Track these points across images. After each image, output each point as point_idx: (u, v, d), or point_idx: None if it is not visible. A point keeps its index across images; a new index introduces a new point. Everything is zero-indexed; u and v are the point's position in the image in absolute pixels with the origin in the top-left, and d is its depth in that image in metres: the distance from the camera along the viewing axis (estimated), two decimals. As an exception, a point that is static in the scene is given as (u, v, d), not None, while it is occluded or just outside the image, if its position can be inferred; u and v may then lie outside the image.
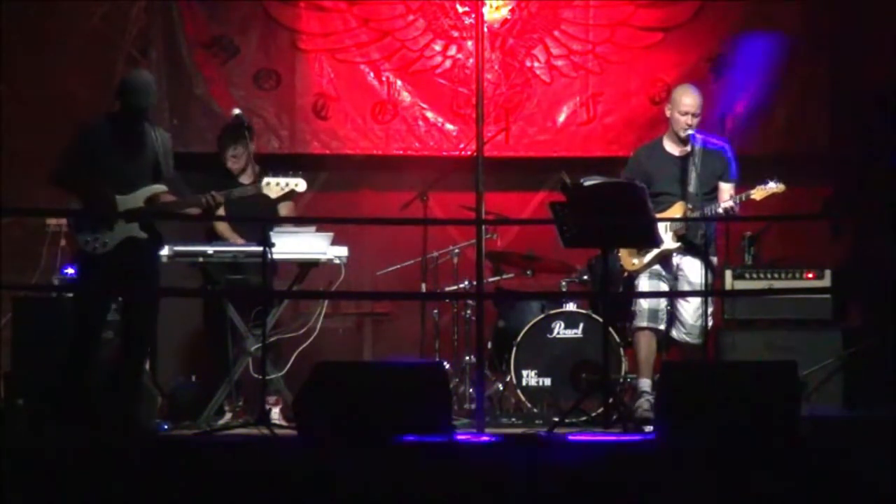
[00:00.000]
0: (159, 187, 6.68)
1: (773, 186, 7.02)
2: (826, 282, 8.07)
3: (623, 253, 7.26)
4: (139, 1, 8.82)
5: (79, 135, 6.69)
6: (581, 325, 7.88)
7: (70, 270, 7.36)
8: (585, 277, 8.11)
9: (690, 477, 5.00)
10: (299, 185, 6.88)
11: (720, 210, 7.04)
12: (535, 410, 7.68)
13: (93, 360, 6.62)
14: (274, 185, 6.85)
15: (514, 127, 8.89)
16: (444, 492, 4.85)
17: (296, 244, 7.19)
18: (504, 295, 8.37)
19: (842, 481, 4.95)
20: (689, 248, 7.17)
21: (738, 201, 7.03)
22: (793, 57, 8.91)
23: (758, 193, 7.02)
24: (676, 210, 7.15)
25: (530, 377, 7.80)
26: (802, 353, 7.40)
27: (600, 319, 7.42)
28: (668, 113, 7.29)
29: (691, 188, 7.13)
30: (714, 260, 7.25)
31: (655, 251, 7.15)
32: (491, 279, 8.23)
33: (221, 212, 7.61)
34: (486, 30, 8.11)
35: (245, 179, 7.64)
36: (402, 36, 8.96)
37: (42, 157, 8.13)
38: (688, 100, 7.20)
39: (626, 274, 7.32)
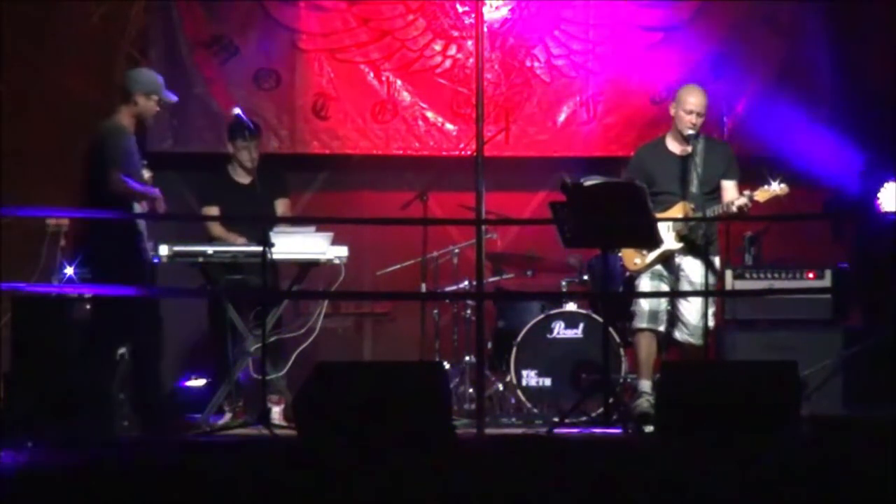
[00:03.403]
0: None
1: (776, 188, 6.99)
2: (826, 282, 8.06)
3: (625, 252, 7.26)
4: (139, 1, 8.81)
5: (124, 138, 6.77)
6: (581, 325, 7.89)
7: (69, 270, 7.33)
8: (585, 277, 8.11)
9: (690, 477, 4.99)
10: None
11: (734, 208, 6.99)
12: (535, 410, 7.69)
13: None
14: None
15: (514, 127, 8.88)
16: (445, 492, 4.85)
17: (296, 244, 7.19)
18: (504, 295, 8.37)
19: (842, 481, 4.94)
20: (691, 248, 7.16)
21: (750, 198, 6.98)
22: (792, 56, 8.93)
23: (761, 195, 7.00)
24: (678, 210, 7.14)
25: (530, 377, 7.81)
26: (802, 353, 7.37)
27: (600, 319, 7.43)
28: (672, 111, 7.29)
29: (693, 188, 7.12)
30: (716, 260, 7.24)
31: (658, 251, 7.15)
32: (491, 279, 8.23)
33: (216, 212, 7.66)
34: (486, 30, 8.11)
35: (247, 176, 7.66)
36: (402, 36, 8.96)
37: (42, 157, 8.16)
38: (693, 98, 7.19)
39: (627, 273, 7.32)
